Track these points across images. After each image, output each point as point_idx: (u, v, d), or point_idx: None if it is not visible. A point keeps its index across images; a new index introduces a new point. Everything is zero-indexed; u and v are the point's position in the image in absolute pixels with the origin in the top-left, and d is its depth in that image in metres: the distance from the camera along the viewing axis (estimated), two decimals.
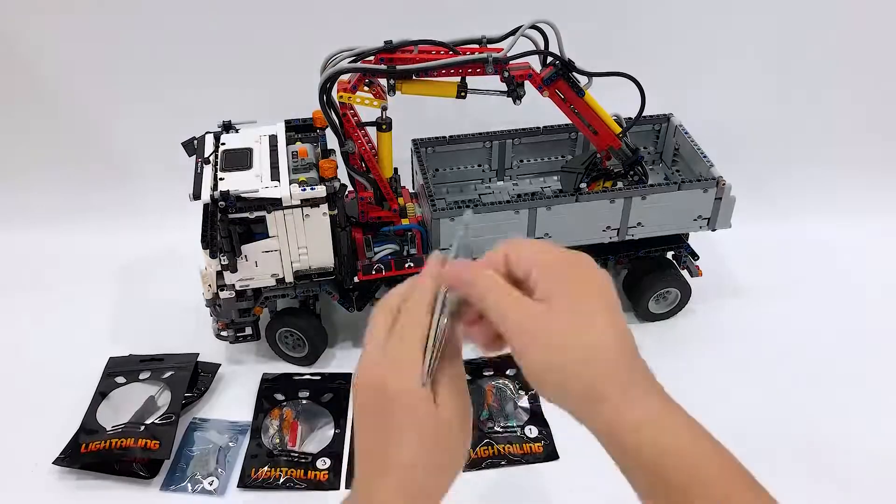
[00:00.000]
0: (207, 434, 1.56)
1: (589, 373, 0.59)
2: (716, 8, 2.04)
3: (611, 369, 0.60)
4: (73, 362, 1.70)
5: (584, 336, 0.60)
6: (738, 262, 1.98)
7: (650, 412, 0.59)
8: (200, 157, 1.59)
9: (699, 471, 0.58)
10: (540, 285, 0.61)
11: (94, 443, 1.48)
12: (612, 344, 0.60)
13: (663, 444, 0.58)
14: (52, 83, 2.06)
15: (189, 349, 1.71)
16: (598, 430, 0.61)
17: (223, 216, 1.46)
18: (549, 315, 0.60)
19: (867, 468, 1.45)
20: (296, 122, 1.69)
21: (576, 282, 0.62)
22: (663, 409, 0.60)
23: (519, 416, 1.59)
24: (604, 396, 0.59)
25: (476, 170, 1.91)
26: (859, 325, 1.80)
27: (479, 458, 1.50)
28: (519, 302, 0.61)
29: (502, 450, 1.51)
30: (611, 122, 1.66)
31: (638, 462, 0.59)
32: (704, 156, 1.75)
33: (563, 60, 1.55)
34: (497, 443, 1.52)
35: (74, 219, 2.09)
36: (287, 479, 1.46)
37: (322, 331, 1.74)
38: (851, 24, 2.05)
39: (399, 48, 1.51)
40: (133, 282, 1.96)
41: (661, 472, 0.58)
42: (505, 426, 1.56)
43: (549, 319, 0.60)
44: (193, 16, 1.98)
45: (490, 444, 1.52)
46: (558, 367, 0.60)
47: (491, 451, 1.51)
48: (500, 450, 1.51)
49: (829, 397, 1.60)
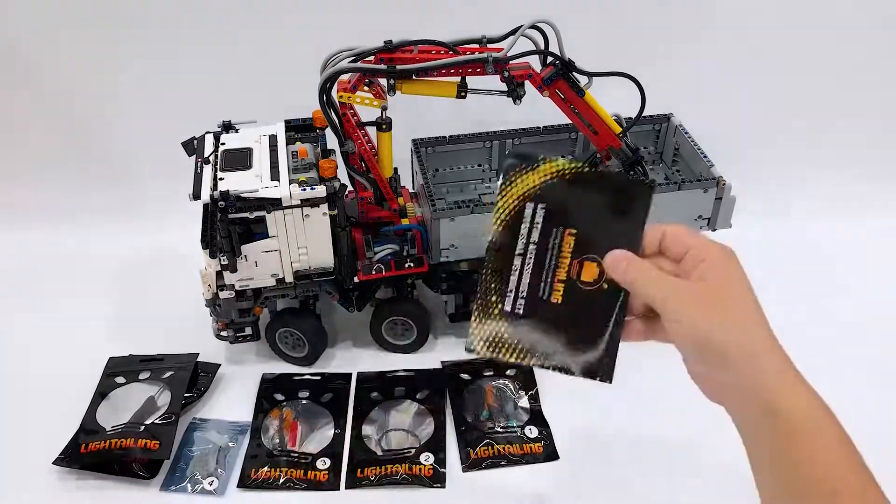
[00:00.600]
0: (207, 434, 1.56)
1: (747, 336, 0.67)
2: (716, 8, 2.04)
3: (765, 336, 0.69)
4: (73, 362, 1.70)
5: (740, 307, 0.69)
6: None
7: (805, 389, 0.69)
8: (200, 157, 1.59)
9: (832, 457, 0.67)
10: (698, 266, 0.70)
11: (94, 443, 1.48)
12: (761, 317, 0.70)
13: (814, 419, 0.68)
14: (52, 83, 2.07)
15: (189, 349, 1.71)
16: (746, 388, 0.67)
17: (223, 216, 1.46)
18: (708, 288, 0.68)
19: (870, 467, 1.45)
20: (296, 122, 1.69)
21: (725, 268, 0.71)
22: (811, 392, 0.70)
23: (519, 416, 1.59)
24: (761, 362, 0.67)
25: (476, 170, 1.91)
26: (860, 324, 1.79)
27: (479, 458, 1.50)
28: (679, 283, 0.70)
29: (502, 450, 1.51)
30: (611, 121, 1.65)
31: (779, 426, 0.66)
32: (704, 156, 1.75)
33: (563, 60, 1.55)
34: (497, 443, 1.52)
35: (74, 219, 2.09)
36: (287, 480, 1.46)
37: (322, 331, 1.74)
38: (852, 24, 2.05)
39: (399, 48, 1.51)
40: (133, 282, 1.97)
41: (798, 441, 0.66)
42: (505, 426, 1.56)
43: (709, 291, 0.68)
44: (194, 16, 1.99)
45: (490, 444, 1.52)
46: (720, 328, 0.67)
47: (491, 451, 1.51)
48: (500, 450, 1.51)
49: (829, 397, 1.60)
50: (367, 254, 1.69)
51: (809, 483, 0.63)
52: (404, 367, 1.72)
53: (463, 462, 1.50)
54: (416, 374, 1.70)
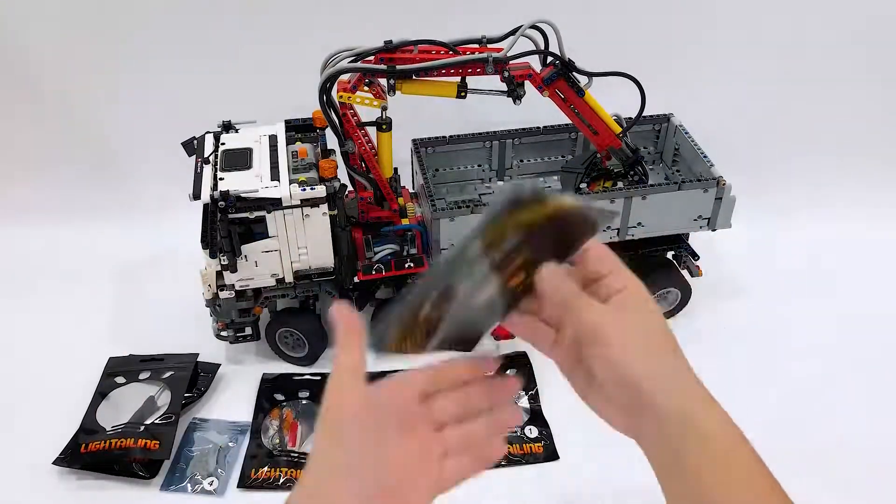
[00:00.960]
0: (207, 434, 1.56)
1: (665, 367, 0.68)
2: (716, 8, 2.04)
3: (685, 368, 0.69)
4: (73, 362, 1.70)
5: (662, 341, 0.69)
6: (738, 262, 1.98)
7: (701, 399, 0.66)
8: (200, 157, 1.59)
9: (729, 465, 0.64)
10: (617, 295, 0.68)
11: (94, 443, 1.48)
12: (679, 352, 0.69)
13: (704, 430, 0.64)
14: (52, 83, 2.06)
15: (189, 349, 1.71)
16: (660, 412, 0.66)
17: (223, 216, 1.46)
18: (634, 321, 0.68)
19: (870, 468, 1.45)
20: (296, 122, 1.69)
21: (645, 301, 0.69)
22: (709, 401, 0.67)
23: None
24: (678, 385, 0.67)
25: (476, 170, 1.91)
26: (860, 324, 1.79)
27: None
28: (608, 311, 0.68)
29: None
30: (611, 121, 1.66)
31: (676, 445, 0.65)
32: (704, 156, 1.75)
33: (563, 60, 1.55)
34: None
35: (74, 218, 2.09)
36: (287, 480, 1.46)
37: (322, 331, 1.74)
38: (852, 25, 2.05)
39: (399, 48, 1.51)
40: (133, 282, 1.96)
41: (690, 455, 0.64)
42: None
43: (636, 323, 0.68)
44: (194, 16, 1.98)
45: None
46: (643, 359, 0.67)
47: None
48: None
49: (829, 396, 1.60)
50: (367, 254, 1.69)
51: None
52: (404, 367, 1.72)
53: None
54: None
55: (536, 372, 1.67)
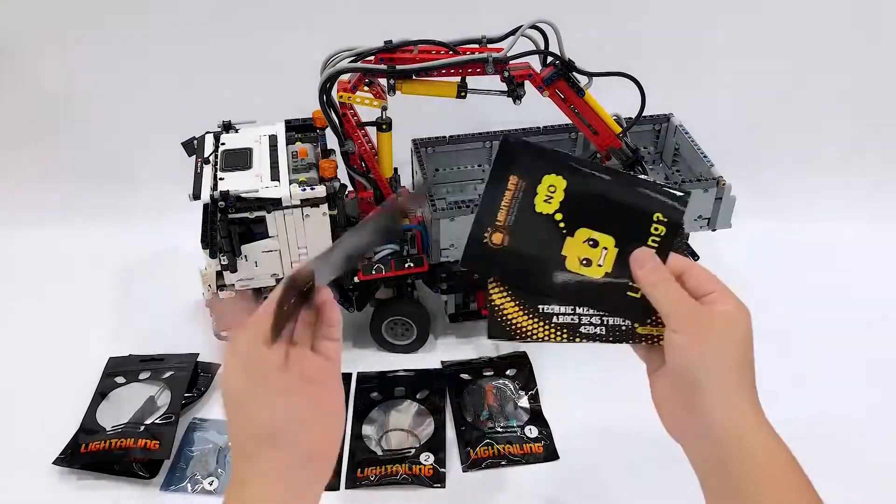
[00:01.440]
0: (207, 434, 1.56)
1: (729, 380, 0.73)
2: (716, 8, 2.04)
3: (749, 385, 0.75)
4: (73, 362, 1.70)
5: (736, 356, 0.75)
6: (738, 262, 1.97)
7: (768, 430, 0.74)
8: (200, 157, 1.59)
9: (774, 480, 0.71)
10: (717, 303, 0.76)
11: (94, 443, 1.48)
12: (745, 359, 0.75)
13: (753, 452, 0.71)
14: (52, 83, 2.07)
15: (189, 349, 1.71)
16: (708, 420, 0.72)
17: (223, 216, 1.46)
18: (716, 323, 0.75)
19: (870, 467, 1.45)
20: (296, 122, 1.69)
21: (739, 321, 0.78)
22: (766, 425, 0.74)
23: (519, 415, 1.58)
24: (732, 400, 0.73)
25: (476, 170, 1.91)
26: (861, 324, 1.80)
27: (480, 457, 1.50)
28: (693, 304, 0.76)
29: (502, 450, 1.51)
30: (611, 121, 1.65)
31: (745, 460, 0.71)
32: (704, 156, 1.75)
33: (563, 60, 1.55)
34: (497, 443, 1.52)
35: (74, 218, 2.09)
36: None
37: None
38: (852, 25, 2.05)
39: (399, 48, 1.51)
40: (133, 282, 1.96)
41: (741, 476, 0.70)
42: (505, 426, 1.56)
43: (715, 326, 0.75)
44: (194, 16, 1.99)
45: (490, 444, 1.52)
46: (713, 359, 0.73)
47: (491, 451, 1.51)
48: (501, 450, 1.51)
49: (830, 396, 1.60)
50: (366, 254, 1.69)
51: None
52: (404, 367, 1.72)
53: (463, 462, 1.50)
54: (416, 373, 1.70)
55: (536, 372, 1.67)
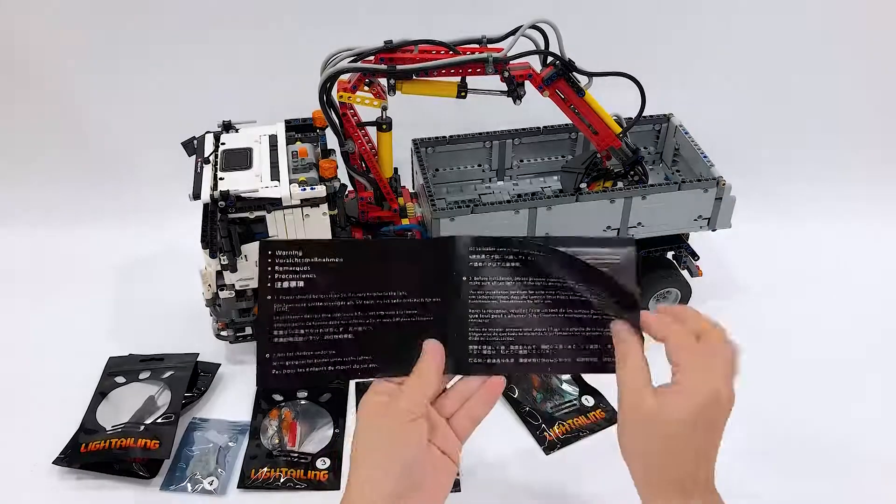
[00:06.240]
0: (207, 434, 1.56)
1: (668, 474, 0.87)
2: (716, 8, 2.04)
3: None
4: (73, 362, 1.70)
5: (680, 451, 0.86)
6: (738, 262, 1.98)
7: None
8: (200, 156, 1.59)
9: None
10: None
11: (94, 443, 1.48)
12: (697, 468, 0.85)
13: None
14: (52, 83, 2.07)
15: (189, 349, 1.71)
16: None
17: (223, 216, 1.46)
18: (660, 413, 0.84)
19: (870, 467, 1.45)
20: (296, 122, 1.69)
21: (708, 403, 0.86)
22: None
23: (566, 391, 1.62)
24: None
25: (476, 170, 1.91)
26: (861, 323, 1.80)
27: (556, 437, 1.52)
28: (698, 349, 0.88)
29: (572, 424, 1.54)
30: (611, 121, 1.66)
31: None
32: (704, 156, 1.76)
33: (563, 60, 1.55)
34: (565, 420, 1.55)
35: (74, 218, 2.09)
36: (287, 480, 1.46)
37: None
38: (852, 25, 2.05)
39: (399, 48, 1.51)
40: (133, 282, 1.96)
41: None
42: (561, 402, 1.59)
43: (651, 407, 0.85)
44: (194, 16, 1.99)
45: (560, 423, 1.55)
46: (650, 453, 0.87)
47: (564, 428, 1.54)
48: (571, 424, 1.54)
49: (830, 396, 1.60)
50: None
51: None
52: None
53: (541, 444, 1.51)
54: None
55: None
